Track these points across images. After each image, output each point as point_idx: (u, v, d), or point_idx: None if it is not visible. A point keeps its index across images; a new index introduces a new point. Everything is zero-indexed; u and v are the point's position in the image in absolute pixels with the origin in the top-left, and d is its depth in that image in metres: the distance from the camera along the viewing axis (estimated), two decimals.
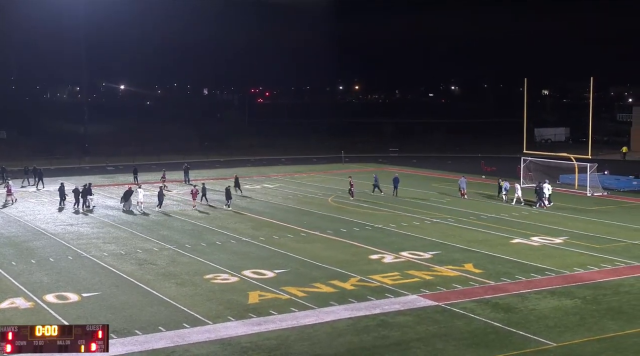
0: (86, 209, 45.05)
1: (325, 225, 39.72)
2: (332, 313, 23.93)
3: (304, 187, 51.68)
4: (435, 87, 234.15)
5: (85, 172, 63.67)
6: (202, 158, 79.96)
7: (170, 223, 40.82)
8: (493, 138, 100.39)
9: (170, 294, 26.26)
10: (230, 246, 34.56)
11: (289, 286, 27.07)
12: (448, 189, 52.03)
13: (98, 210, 44.97)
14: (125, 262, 31.47)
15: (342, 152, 77.48)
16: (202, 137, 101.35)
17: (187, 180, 59.43)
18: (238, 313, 23.95)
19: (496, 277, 28.28)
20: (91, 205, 45.53)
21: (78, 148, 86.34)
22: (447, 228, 38.53)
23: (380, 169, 68.96)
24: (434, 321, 23.08)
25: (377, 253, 32.56)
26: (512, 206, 45.09)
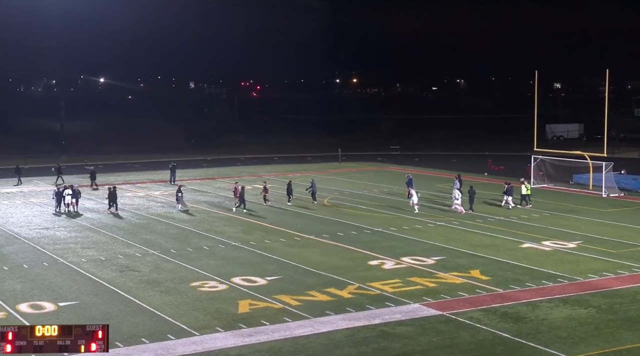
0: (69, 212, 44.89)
1: (320, 228, 39.71)
2: (328, 323, 23.91)
3: (298, 187, 51.59)
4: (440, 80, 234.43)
5: (63, 171, 63.39)
6: (188, 156, 79.92)
7: (153, 227, 40.77)
8: (501, 135, 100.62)
9: (154, 303, 26.22)
10: (218, 251, 34.53)
11: (282, 294, 27.05)
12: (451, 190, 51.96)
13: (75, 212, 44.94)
14: (105, 268, 31.40)
15: (339, 150, 77.52)
16: (188, 134, 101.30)
17: (173, 179, 59.40)
18: (227, 323, 23.92)
19: (505, 284, 28.30)
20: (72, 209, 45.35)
21: (54, 146, 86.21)
22: (452, 232, 38.56)
23: (381, 169, 69.03)
24: (438, 332, 23.08)
25: (377, 259, 32.56)
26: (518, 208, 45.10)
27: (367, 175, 62.17)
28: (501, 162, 68.75)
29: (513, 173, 61.42)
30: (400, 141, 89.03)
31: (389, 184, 55.25)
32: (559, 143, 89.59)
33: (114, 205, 45.19)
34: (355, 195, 50.92)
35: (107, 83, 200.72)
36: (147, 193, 54.01)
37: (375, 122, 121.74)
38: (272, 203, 47.44)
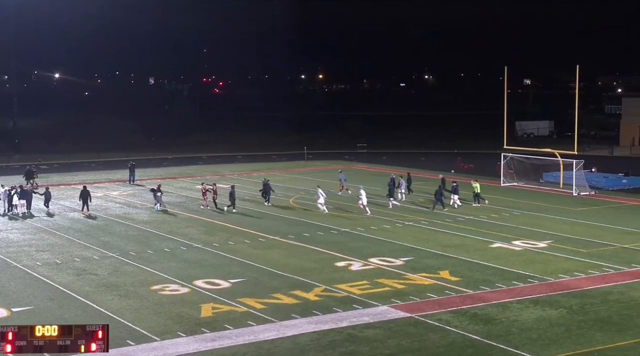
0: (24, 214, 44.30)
1: (286, 229, 39.69)
2: (294, 326, 23.92)
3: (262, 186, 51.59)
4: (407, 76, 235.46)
5: (15, 171, 62.69)
6: (148, 155, 79.38)
7: (112, 228, 40.43)
8: (471, 133, 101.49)
9: (113, 307, 26.02)
10: (180, 253, 34.35)
11: (246, 297, 27.00)
12: (422, 188, 52.33)
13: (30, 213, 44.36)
14: (61, 272, 31.08)
15: (304, 149, 77.55)
16: (148, 132, 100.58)
17: (132, 179, 58.97)
18: (189, 328, 23.82)
19: (474, 285, 28.54)
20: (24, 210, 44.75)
21: (7, 145, 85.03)
22: (421, 232, 38.79)
23: (348, 167, 69.15)
24: (407, 335, 23.21)
25: (344, 260, 32.64)
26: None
27: (334, 174, 62.24)
28: (471, 160, 69.29)
29: (483, 171, 62.05)
30: (368, 139, 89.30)
31: (357, 183, 55.27)
32: (529, 140, 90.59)
33: (86, 205, 44.82)
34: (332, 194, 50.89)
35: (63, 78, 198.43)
36: (105, 193, 53.55)
37: (342, 119, 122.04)
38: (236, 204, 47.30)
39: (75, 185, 57.36)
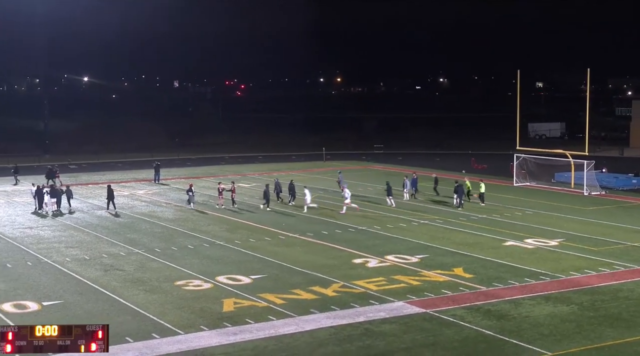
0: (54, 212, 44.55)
1: (305, 227, 39.73)
2: (312, 321, 23.94)
3: (282, 186, 51.57)
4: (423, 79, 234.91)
5: (44, 171, 63.02)
6: (172, 155, 79.68)
7: (138, 226, 40.63)
8: (484, 134, 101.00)
9: (139, 302, 26.15)
10: (203, 250, 34.47)
11: (266, 293, 27.06)
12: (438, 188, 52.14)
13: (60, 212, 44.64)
14: (89, 267, 31.28)
15: (323, 149, 77.54)
16: (172, 133, 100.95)
17: (157, 178, 59.22)
18: (212, 322, 23.90)
19: (488, 282, 28.44)
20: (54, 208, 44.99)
21: (37, 146, 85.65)
22: (436, 230, 38.70)
23: (365, 167, 69.14)
24: (422, 330, 23.17)
25: (361, 257, 32.63)
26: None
27: (352, 174, 62.20)
28: (484, 161, 69.02)
29: (496, 171, 61.82)
30: (384, 140, 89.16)
31: (374, 183, 55.32)
32: (541, 141, 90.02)
33: (112, 204, 45.09)
34: (339, 194, 50.88)
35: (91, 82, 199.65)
36: (132, 192, 53.82)
37: (360, 121, 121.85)
38: (255, 202, 47.35)
39: (103, 184, 57.68)
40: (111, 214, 44.30)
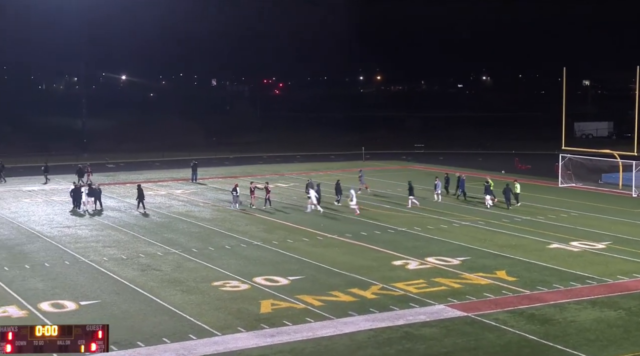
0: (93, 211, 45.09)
1: (343, 227, 39.72)
2: (351, 324, 23.93)
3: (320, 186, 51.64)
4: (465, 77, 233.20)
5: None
6: (210, 154, 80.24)
7: (175, 226, 40.99)
8: (528, 133, 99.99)
9: (176, 302, 26.38)
10: (240, 250, 34.66)
11: (304, 294, 27.11)
12: (479, 189, 51.79)
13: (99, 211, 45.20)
14: (126, 267, 31.64)
15: (362, 149, 77.47)
16: (209, 132, 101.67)
17: (195, 178, 59.66)
18: (249, 323, 24.01)
19: (531, 286, 28.16)
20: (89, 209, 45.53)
21: (75, 144, 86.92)
22: (477, 232, 38.42)
23: (405, 167, 68.89)
24: (463, 334, 23.02)
25: (401, 259, 32.53)
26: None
27: (392, 174, 62.05)
28: (528, 161, 68.34)
29: (540, 172, 61.18)
30: (425, 139, 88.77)
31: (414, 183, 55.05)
32: (587, 141, 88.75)
33: (142, 204, 45.55)
34: (379, 194, 50.87)
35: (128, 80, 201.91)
36: (169, 191, 54.32)
37: (400, 120, 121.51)
38: (293, 202, 47.47)
39: (141, 183, 58.27)
40: (141, 214, 44.70)
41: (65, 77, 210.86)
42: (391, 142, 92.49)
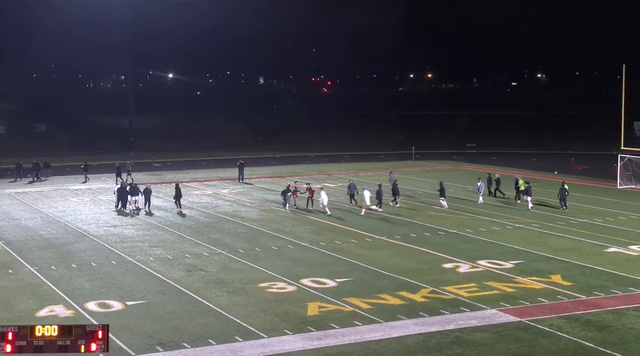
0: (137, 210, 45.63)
1: (392, 229, 39.59)
2: (400, 327, 23.83)
3: (369, 186, 51.50)
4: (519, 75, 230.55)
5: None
6: (257, 154, 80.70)
7: (221, 226, 41.30)
8: (585, 133, 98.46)
9: (222, 304, 26.56)
10: (287, 251, 34.77)
11: (352, 297, 27.07)
12: (535, 190, 51.16)
13: (143, 210, 45.73)
14: (172, 267, 31.98)
15: (412, 148, 77.15)
16: (256, 131, 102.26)
17: (241, 177, 60.04)
18: (296, 325, 24.07)
19: (588, 291, 27.71)
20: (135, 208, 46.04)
21: (122, 143, 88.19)
22: (531, 235, 37.95)
23: (456, 167, 68.40)
24: (516, 340, 22.75)
25: (452, 262, 32.29)
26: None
27: (442, 174, 61.66)
28: (585, 162, 67.31)
29: (598, 173, 60.21)
30: (477, 138, 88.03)
31: (465, 184, 54.64)
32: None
33: (178, 203, 45.95)
34: (429, 195, 50.57)
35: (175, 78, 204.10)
36: (215, 191, 54.76)
37: (451, 119, 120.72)
38: (341, 203, 47.44)
39: (187, 182, 58.95)
40: (176, 213, 44.99)
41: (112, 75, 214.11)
42: (442, 141, 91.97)
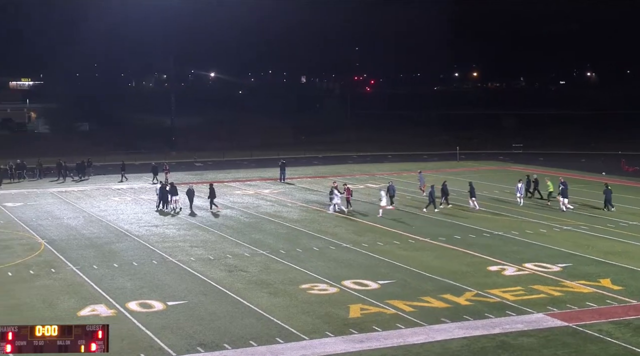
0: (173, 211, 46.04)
1: (436, 230, 39.39)
2: (443, 331, 23.70)
3: (412, 187, 51.46)
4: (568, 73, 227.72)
5: (172, 168, 65.59)
6: (299, 153, 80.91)
7: (263, 226, 41.48)
8: (636, 133, 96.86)
9: (263, 305, 26.68)
10: (329, 252, 34.79)
11: (394, 299, 27.00)
12: (584, 192, 50.56)
13: (185, 210, 46.13)
14: (213, 267, 32.20)
15: (457, 148, 76.68)
16: (298, 130, 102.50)
17: (283, 177, 60.22)
18: (337, 328, 24.07)
19: (639, 295, 27.27)
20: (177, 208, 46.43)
21: (164, 142, 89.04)
22: (580, 237, 37.48)
23: (502, 168, 67.80)
24: (564, 345, 22.49)
25: (497, 264, 32.03)
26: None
27: (487, 175, 61.19)
28: (636, 162, 66.26)
29: None
30: (524, 139, 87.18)
31: (511, 185, 54.11)
32: None
33: (213, 203, 46.19)
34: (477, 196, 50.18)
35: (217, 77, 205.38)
36: (257, 191, 55.02)
37: (497, 119, 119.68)
38: None
39: (229, 182, 59.35)
40: (212, 213, 45.29)
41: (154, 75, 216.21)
42: (487, 141, 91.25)
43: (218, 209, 45.96)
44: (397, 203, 47.32)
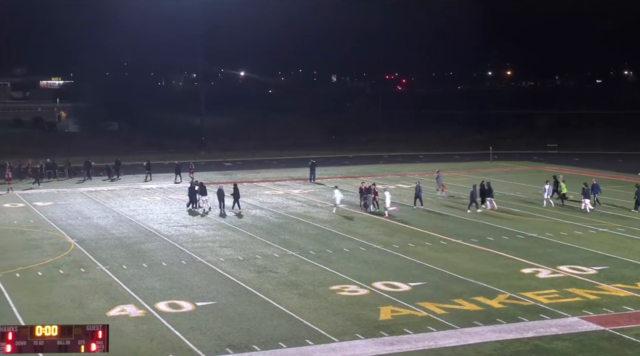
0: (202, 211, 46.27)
1: (468, 232, 39.21)
2: (476, 334, 23.59)
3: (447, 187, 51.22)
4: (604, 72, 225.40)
5: (201, 167, 65.97)
6: (329, 153, 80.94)
7: (292, 227, 41.57)
8: None
9: (292, 306, 26.73)
10: (359, 254, 34.77)
11: (426, 301, 26.93)
12: (620, 193, 50.05)
13: (215, 210, 46.34)
14: (243, 268, 32.33)
15: (490, 148, 76.25)
16: (329, 130, 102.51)
17: (313, 177, 60.29)
18: (368, 330, 24.06)
19: None
20: (206, 208, 46.65)
21: (193, 142, 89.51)
22: (617, 239, 37.10)
23: (536, 168, 67.31)
24: (600, 350, 22.28)
25: (531, 267, 31.82)
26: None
27: (521, 176, 60.78)
28: None
29: None
30: (559, 139, 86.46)
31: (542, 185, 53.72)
32: None
33: (237, 204, 46.28)
34: (507, 197, 49.92)
35: (247, 77, 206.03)
36: (286, 191, 55.14)
37: (531, 118, 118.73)
38: (410, 206, 47.23)
39: (258, 182, 59.55)
40: (235, 214, 45.36)
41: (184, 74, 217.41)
42: (521, 141, 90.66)
43: (240, 210, 45.97)
44: (428, 204, 47.19)
